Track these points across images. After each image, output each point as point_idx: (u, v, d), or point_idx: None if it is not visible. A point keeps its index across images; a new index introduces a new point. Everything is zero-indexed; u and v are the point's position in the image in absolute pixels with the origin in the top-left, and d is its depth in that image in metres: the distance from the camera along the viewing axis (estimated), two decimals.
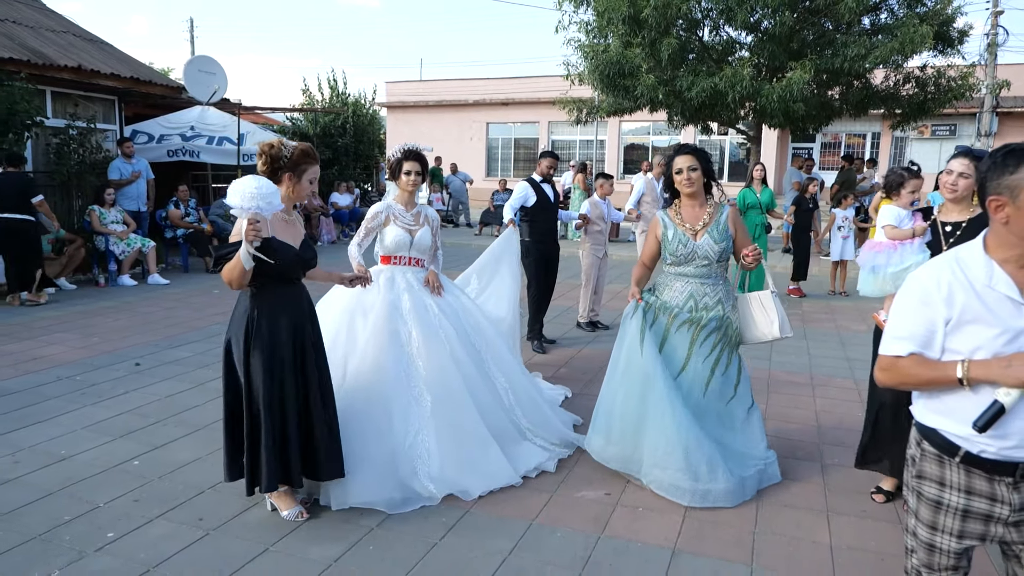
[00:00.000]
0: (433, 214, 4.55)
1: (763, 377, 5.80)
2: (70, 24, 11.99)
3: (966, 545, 1.96)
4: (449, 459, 3.81)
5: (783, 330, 3.87)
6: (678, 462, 3.60)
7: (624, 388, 3.81)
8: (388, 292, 4.21)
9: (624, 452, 3.83)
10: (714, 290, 3.88)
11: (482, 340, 4.47)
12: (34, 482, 3.80)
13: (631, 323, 3.84)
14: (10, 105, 8.74)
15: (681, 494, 3.61)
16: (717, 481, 3.61)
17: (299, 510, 3.45)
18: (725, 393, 3.89)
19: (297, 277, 3.45)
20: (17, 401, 5.02)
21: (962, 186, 3.42)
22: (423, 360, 4.03)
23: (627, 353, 3.82)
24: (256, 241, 3.03)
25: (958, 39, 13.20)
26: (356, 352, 4.00)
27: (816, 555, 3.23)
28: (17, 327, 7.18)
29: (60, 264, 9.34)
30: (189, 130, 12.89)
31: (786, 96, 11.94)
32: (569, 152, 26.55)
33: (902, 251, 3.58)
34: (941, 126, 23.52)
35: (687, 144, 4.01)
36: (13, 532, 3.29)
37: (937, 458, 1.96)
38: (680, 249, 3.86)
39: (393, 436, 3.81)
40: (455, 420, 3.95)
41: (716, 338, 3.85)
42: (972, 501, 1.92)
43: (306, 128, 16.73)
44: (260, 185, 3.02)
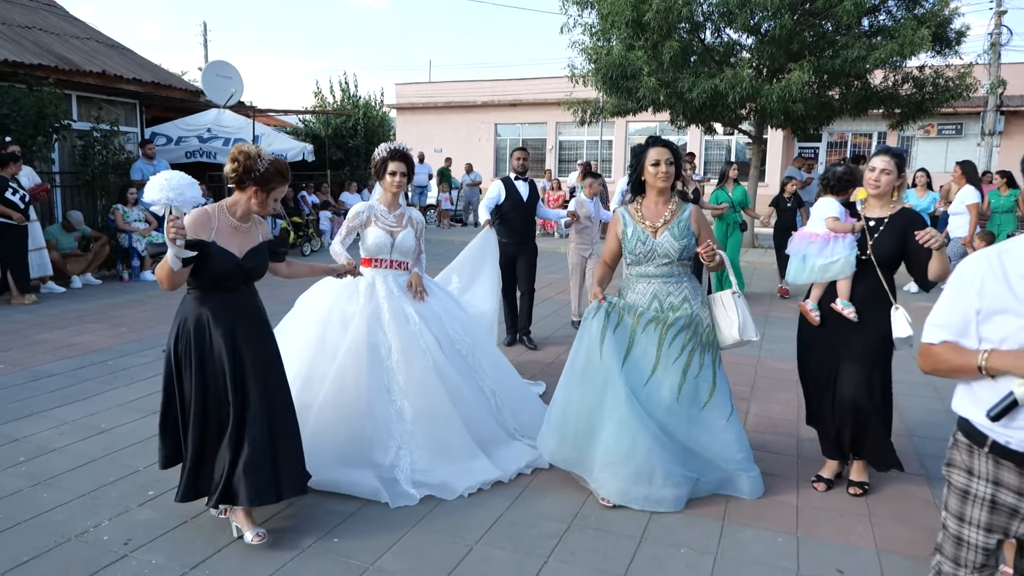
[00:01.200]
0: (418, 216, 4.41)
1: (752, 363, 6.15)
2: (93, 31, 12.46)
3: (994, 540, 1.95)
4: (433, 474, 3.74)
5: (744, 332, 3.70)
6: (630, 468, 3.48)
7: (581, 389, 3.64)
8: (368, 302, 4.06)
9: (577, 455, 3.67)
10: (678, 288, 3.73)
11: (468, 343, 4.31)
12: (79, 450, 4.21)
13: (592, 323, 3.67)
14: (40, 109, 9.20)
15: (632, 500, 3.52)
16: (669, 488, 3.52)
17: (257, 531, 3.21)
18: (700, 398, 3.68)
19: (234, 287, 3.20)
20: (58, 383, 5.44)
21: (884, 182, 3.56)
22: (403, 374, 3.92)
23: (586, 353, 3.65)
24: (179, 239, 2.84)
25: (956, 40, 13.46)
26: (334, 366, 3.87)
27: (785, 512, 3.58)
28: (50, 318, 7.62)
29: (86, 260, 9.79)
30: (206, 132, 13.36)
31: (785, 97, 12.25)
32: (576, 152, 26.88)
33: (834, 245, 3.65)
34: (947, 125, 23.65)
35: (658, 136, 3.84)
36: (65, 491, 3.69)
37: (968, 447, 1.98)
38: (639, 247, 3.71)
39: (373, 452, 3.76)
40: (439, 435, 3.86)
41: (685, 337, 3.68)
42: (999, 493, 1.92)
43: (318, 130, 17.15)
44: (171, 177, 2.90)
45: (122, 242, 10.22)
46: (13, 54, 9.47)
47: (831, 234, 3.69)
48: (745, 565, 3.10)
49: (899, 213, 3.59)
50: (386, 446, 3.78)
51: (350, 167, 17.03)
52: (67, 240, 9.61)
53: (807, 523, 3.47)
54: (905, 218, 3.56)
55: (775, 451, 4.35)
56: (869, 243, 3.59)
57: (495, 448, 4.04)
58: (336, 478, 3.65)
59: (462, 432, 3.93)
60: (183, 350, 3.12)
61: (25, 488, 3.72)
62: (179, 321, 3.16)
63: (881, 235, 3.57)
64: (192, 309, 3.15)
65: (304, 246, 13.34)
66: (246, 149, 3.13)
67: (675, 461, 3.57)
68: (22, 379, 5.51)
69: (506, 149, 28.96)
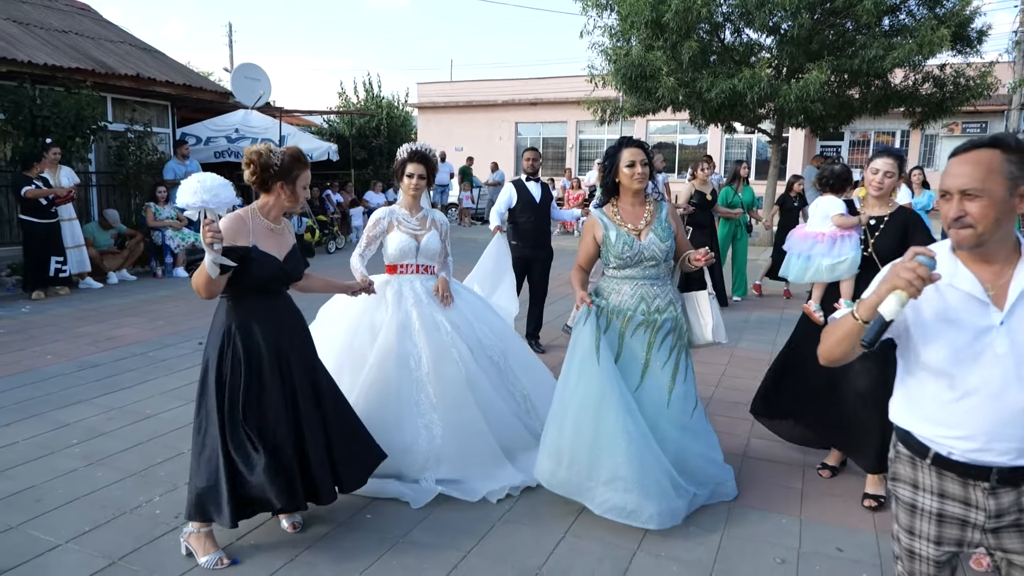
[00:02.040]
0: (442, 218, 4.27)
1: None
2: (126, 34, 12.87)
3: (945, 552, 1.91)
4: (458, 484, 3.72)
5: (716, 334, 3.67)
6: (639, 485, 3.29)
7: (576, 403, 3.43)
8: (397, 310, 3.94)
9: (575, 478, 3.44)
10: (663, 291, 3.65)
11: (500, 348, 4.20)
12: (128, 434, 4.50)
13: (584, 331, 3.47)
14: (78, 111, 9.57)
15: (644, 519, 3.31)
16: (676, 500, 3.41)
17: (219, 555, 3.07)
18: (688, 403, 3.62)
19: (277, 290, 3.17)
20: (102, 372, 5.76)
21: (887, 184, 3.65)
22: (433, 386, 3.81)
23: (579, 364, 3.45)
24: (216, 244, 2.72)
25: (977, 39, 13.46)
26: (361, 376, 3.82)
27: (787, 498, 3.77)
28: (90, 312, 7.97)
29: (122, 257, 10.17)
30: (234, 132, 13.73)
31: (803, 96, 12.36)
32: (596, 151, 27.01)
33: (841, 244, 3.69)
34: (971, 123, 23.51)
35: (631, 136, 3.76)
36: (117, 470, 3.98)
37: (910, 460, 1.94)
38: (626, 251, 3.57)
39: (401, 462, 3.69)
40: (467, 447, 3.78)
41: (672, 340, 3.61)
42: (945, 505, 1.88)
43: (342, 130, 17.48)
44: (203, 179, 2.78)
45: (155, 240, 10.59)
46: (52, 58, 9.86)
47: (838, 233, 3.72)
48: (750, 542, 3.31)
49: (898, 211, 3.69)
50: (413, 460, 3.71)
51: (373, 166, 17.36)
52: (104, 237, 10.00)
53: (810, 507, 3.66)
54: (903, 216, 3.69)
55: (782, 440, 4.53)
56: (870, 241, 3.68)
57: (521, 453, 3.94)
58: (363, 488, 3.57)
59: (491, 445, 3.85)
60: (233, 361, 2.99)
61: (80, 468, 4.02)
62: (222, 330, 3.02)
63: (882, 233, 3.66)
64: (235, 317, 3.02)
65: (329, 244, 13.66)
66: (256, 149, 3.05)
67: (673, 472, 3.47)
68: (68, 369, 5.83)
69: (526, 148, 29.14)
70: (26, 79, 9.40)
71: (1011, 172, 1.74)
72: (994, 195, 1.73)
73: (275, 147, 3.10)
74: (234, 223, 3.00)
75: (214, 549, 3.08)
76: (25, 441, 4.36)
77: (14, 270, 9.42)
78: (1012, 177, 1.74)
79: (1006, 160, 1.74)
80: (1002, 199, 1.74)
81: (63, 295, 8.87)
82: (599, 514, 3.37)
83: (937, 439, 1.85)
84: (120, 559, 3.11)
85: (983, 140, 1.78)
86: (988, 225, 1.74)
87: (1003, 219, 1.75)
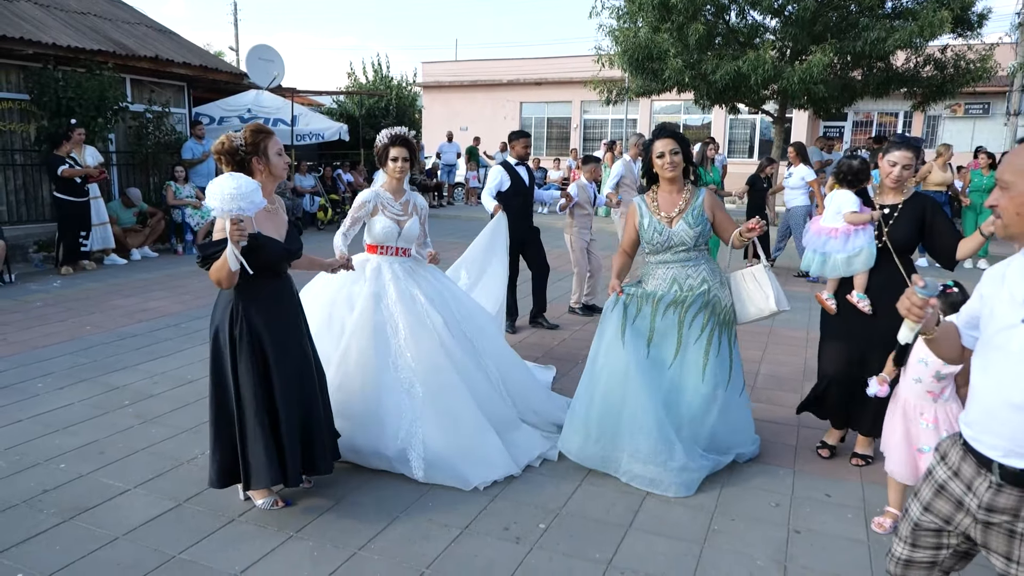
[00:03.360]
0: (422, 202, 4.43)
1: (763, 331, 6.68)
2: (142, 16, 13.10)
3: (931, 520, 1.95)
4: (446, 448, 3.74)
5: (780, 303, 3.79)
6: (660, 456, 3.58)
7: (603, 384, 3.70)
8: (374, 283, 4.10)
9: (603, 451, 3.72)
10: (696, 270, 3.82)
11: (473, 328, 4.34)
12: (174, 396, 4.88)
13: (611, 317, 3.75)
14: (101, 92, 9.86)
15: (666, 487, 3.59)
16: (696, 471, 3.66)
17: (274, 499, 3.40)
18: (721, 378, 3.79)
19: (283, 270, 3.34)
20: (140, 342, 6.13)
21: (904, 177, 3.63)
22: (412, 351, 3.94)
23: (606, 349, 3.72)
24: (242, 241, 2.90)
25: (977, 22, 13.68)
26: (341, 345, 3.95)
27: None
28: (119, 286, 8.35)
29: (144, 235, 10.51)
30: (246, 112, 13.99)
31: (806, 78, 12.62)
32: (601, 131, 27.18)
33: (855, 238, 3.71)
34: (974, 104, 23.63)
35: (667, 127, 3.89)
36: (169, 427, 4.36)
37: (953, 438, 2.00)
38: (656, 237, 3.81)
39: (384, 431, 3.79)
40: (450, 409, 3.87)
41: (705, 317, 3.77)
42: (952, 481, 1.92)
43: (352, 110, 17.73)
44: (239, 184, 2.84)
45: (175, 218, 10.92)
46: (75, 40, 10.13)
47: (851, 228, 3.74)
48: (748, 489, 3.69)
49: (912, 198, 3.67)
50: (397, 425, 3.79)
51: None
52: (127, 215, 10.34)
53: (803, 462, 4.02)
54: (920, 202, 3.66)
55: (782, 404, 4.90)
56: (885, 230, 3.67)
57: (505, 432, 4.03)
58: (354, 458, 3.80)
59: (472, 407, 3.91)
60: (239, 333, 3.13)
61: (136, 425, 4.39)
62: (230, 307, 3.14)
63: (896, 221, 3.65)
64: (241, 295, 3.14)
65: (341, 221, 13.99)
66: (218, 141, 3.17)
67: (696, 445, 3.74)
68: (109, 339, 6.20)
69: (531, 128, 29.31)
70: (50, 60, 9.68)
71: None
72: (1018, 188, 1.74)
73: (233, 133, 3.18)
74: None
75: (269, 493, 3.42)
76: (81, 402, 4.73)
77: (41, 246, 9.77)
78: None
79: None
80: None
81: (90, 270, 9.24)
82: (625, 482, 3.68)
83: (967, 430, 1.91)
84: (185, 501, 3.49)
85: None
86: (1011, 218, 1.76)
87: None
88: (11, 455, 3.94)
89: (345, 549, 3.10)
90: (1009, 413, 1.75)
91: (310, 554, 3.06)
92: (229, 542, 3.14)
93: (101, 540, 3.13)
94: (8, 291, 8.00)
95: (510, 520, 3.37)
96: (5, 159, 9.76)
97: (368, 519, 3.35)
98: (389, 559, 3.04)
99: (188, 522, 3.30)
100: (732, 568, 3.02)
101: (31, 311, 7.12)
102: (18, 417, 4.45)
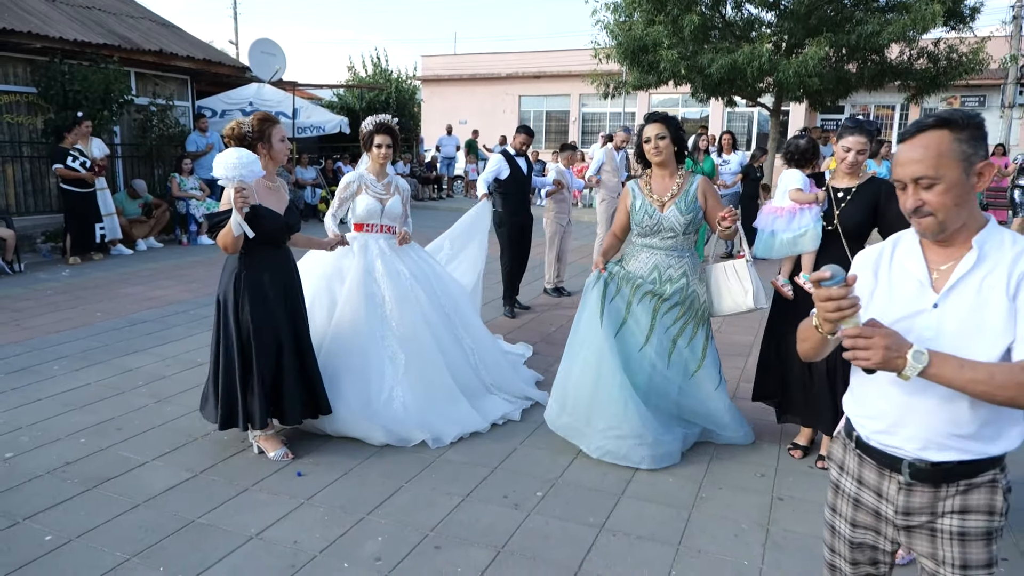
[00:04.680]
0: (404, 184, 4.75)
1: None
2: (145, 10, 13.24)
3: (862, 534, 1.85)
4: (423, 411, 4.16)
5: (757, 300, 3.80)
6: (631, 432, 3.71)
7: (581, 358, 3.83)
8: (362, 258, 4.46)
9: (575, 423, 3.88)
10: (679, 262, 3.89)
11: (451, 303, 4.72)
12: (185, 378, 5.06)
13: (592, 293, 3.87)
14: (106, 85, 10.03)
15: (637, 460, 3.73)
16: (665, 445, 3.79)
17: (284, 451, 3.82)
18: (691, 365, 3.88)
19: (282, 241, 3.77)
20: (151, 327, 6.32)
21: (859, 162, 3.58)
22: (396, 321, 4.34)
23: (586, 324, 3.85)
24: (245, 207, 3.35)
25: (970, 16, 13.83)
26: (335, 313, 4.34)
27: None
28: (127, 275, 8.54)
29: (149, 225, 10.68)
30: (248, 105, 14.13)
31: (801, 71, 12.77)
32: (599, 124, 27.33)
33: (800, 216, 3.65)
34: (970, 97, 23.77)
35: (656, 112, 3.96)
36: (183, 406, 4.55)
37: (843, 441, 1.91)
38: (646, 220, 3.87)
39: (369, 389, 4.18)
40: (427, 376, 4.29)
41: (680, 311, 3.88)
42: (862, 491, 1.83)
43: (352, 103, 17.87)
44: (241, 155, 3.33)
45: (179, 209, 11.09)
46: (81, 35, 10.28)
47: (796, 207, 3.68)
48: (735, 461, 3.90)
49: (867, 183, 3.59)
50: (380, 386, 4.21)
51: None
52: (132, 206, 10.51)
53: (789, 436, 4.21)
54: (875, 187, 3.58)
55: None
56: (836, 213, 3.59)
57: (474, 400, 4.42)
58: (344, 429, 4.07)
59: (446, 377, 4.36)
60: (241, 294, 3.60)
61: (150, 404, 4.59)
62: (233, 273, 3.62)
63: (848, 205, 3.58)
64: (245, 262, 3.61)
65: None
66: (228, 126, 3.67)
67: (668, 420, 3.89)
68: (120, 324, 6.39)
69: (530, 121, 29.44)
70: (57, 54, 9.84)
71: (963, 152, 1.62)
72: (949, 179, 1.62)
73: (242, 119, 3.70)
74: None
75: (280, 445, 3.85)
76: (97, 383, 4.93)
77: (48, 237, 9.95)
78: (965, 157, 1.62)
79: (955, 140, 1.62)
80: (958, 182, 1.62)
81: (97, 260, 9.42)
82: (595, 457, 3.81)
83: (856, 417, 1.82)
84: (201, 472, 3.68)
85: (927, 122, 1.65)
86: (948, 211, 1.63)
87: (962, 202, 1.64)
88: (33, 431, 4.13)
89: (354, 514, 3.30)
90: (928, 402, 1.66)
91: (321, 518, 3.26)
92: (244, 508, 3.34)
93: (123, 506, 3.32)
94: (19, 280, 8.19)
95: (509, 489, 3.57)
96: (13, 151, 9.93)
97: (376, 488, 3.55)
98: (396, 522, 3.24)
99: (205, 491, 3.49)
100: (718, 531, 3.22)
101: (42, 299, 7.30)
102: (37, 396, 4.65)
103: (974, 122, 1.64)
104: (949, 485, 1.70)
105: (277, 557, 2.96)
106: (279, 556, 2.96)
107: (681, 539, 3.15)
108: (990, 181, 1.69)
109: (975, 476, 1.69)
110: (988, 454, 1.68)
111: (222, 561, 2.92)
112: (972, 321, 1.63)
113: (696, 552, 3.05)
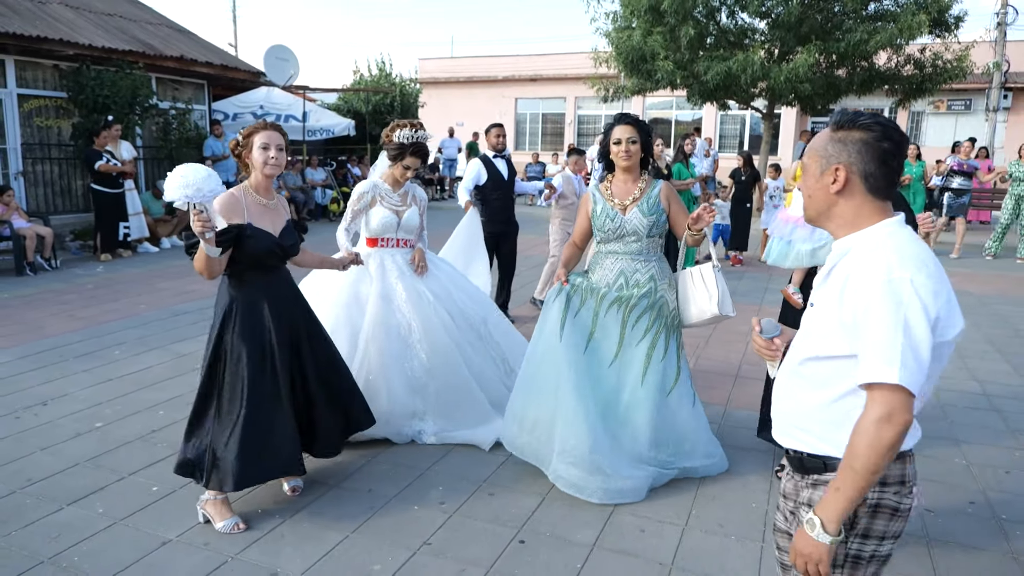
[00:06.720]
0: (421, 194, 4.37)
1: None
2: (163, 17, 13.71)
3: (791, 524, 1.82)
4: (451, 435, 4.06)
5: (723, 307, 3.50)
6: (585, 460, 3.41)
7: (540, 375, 3.57)
8: (381, 283, 4.12)
9: (535, 444, 3.59)
10: (646, 267, 3.66)
11: (479, 314, 4.42)
12: None
13: (552, 308, 3.58)
14: (133, 90, 10.51)
15: (589, 493, 3.42)
16: (627, 480, 3.47)
17: (235, 521, 3.19)
18: (665, 384, 3.62)
19: (273, 265, 3.25)
20: (194, 317, 6.83)
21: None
22: (426, 352, 4.06)
23: (546, 340, 3.57)
24: (208, 232, 2.83)
25: (955, 24, 14.47)
26: (358, 349, 4.02)
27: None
28: (160, 271, 9.06)
29: (172, 224, 11.16)
30: (259, 109, 14.68)
31: (793, 77, 13.38)
32: (595, 127, 27.86)
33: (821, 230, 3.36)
34: (956, 101, 24.42)
35: (628, 114, 3.68)
36: None
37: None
38: (608, 224, 3.64)
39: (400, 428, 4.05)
40: (459, 403, 4.10)
41: (649, 319, 3.60)
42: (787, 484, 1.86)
43: (359, 107, 18.38)
44: (186, 173, 2.80)
45: None
46: (108, 41, 10.76)
47: None
48: (738, 449, 4.27)
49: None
50: (410, 423, 4.06)
51: None
52: (157, 206, 10.99)
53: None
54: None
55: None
56: None
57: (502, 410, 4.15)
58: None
59: (481, 402, 4.12)
60: (236, 335, 3.12)
61: None
62: (224, 308, 3.16)
63: None
64: (236, 293, 3.16)
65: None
66: (232, 141, 3.31)
67: (634, 452, 3.58)
68: (164, 315, 6.89)
69: (526, 123, 29.97)
70: (86, 60, 10.31)
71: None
72: (811, 170, 1.77)
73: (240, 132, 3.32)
74: (228, 201, 3.10)
75: (230, 515, 3.21)
76: (159, 365, 5.43)
77: (77, 235, 10.42)
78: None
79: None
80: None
81: (127, 257, 9.91)
82: (552, 481, 3.55)
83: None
84: None
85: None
86: (806, 200, 1.79)
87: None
88: (114, 405, 4.64)
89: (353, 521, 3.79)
90: (778, 391, 1.81)
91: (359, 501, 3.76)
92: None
93: None
94: (57, 275, 8.67)
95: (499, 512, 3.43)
96: (43, 153, 10.40)
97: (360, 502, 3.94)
98: (405, 507, 3.75)
99: None
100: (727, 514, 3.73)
101: (84, 292, 7.79)
102: (109, 376, 5.15)
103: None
104: (803, 476, 1.76)
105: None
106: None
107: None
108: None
109: (823, 473, 1.69)
110: (820, 451, 1.69)
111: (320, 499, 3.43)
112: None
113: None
